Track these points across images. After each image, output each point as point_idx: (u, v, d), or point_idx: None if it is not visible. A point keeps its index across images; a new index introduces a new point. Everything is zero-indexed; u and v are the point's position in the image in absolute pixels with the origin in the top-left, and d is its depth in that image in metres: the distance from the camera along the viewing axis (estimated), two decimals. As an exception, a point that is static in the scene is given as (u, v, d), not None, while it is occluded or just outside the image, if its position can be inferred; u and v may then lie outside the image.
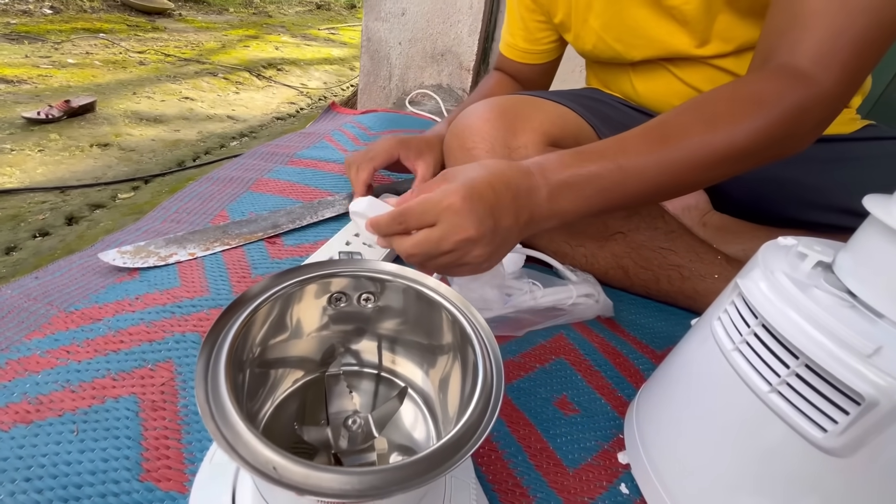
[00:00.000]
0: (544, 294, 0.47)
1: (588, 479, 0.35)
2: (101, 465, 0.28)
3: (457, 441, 0.18)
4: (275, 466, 0.15)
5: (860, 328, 0.22)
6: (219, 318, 0.19)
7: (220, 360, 0.18)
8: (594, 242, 0.54)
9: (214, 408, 0.16)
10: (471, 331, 0.21)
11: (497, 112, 0.54)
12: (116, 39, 2.74)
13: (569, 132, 0.58)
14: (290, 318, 0.23)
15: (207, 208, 0.58)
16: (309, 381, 0.26)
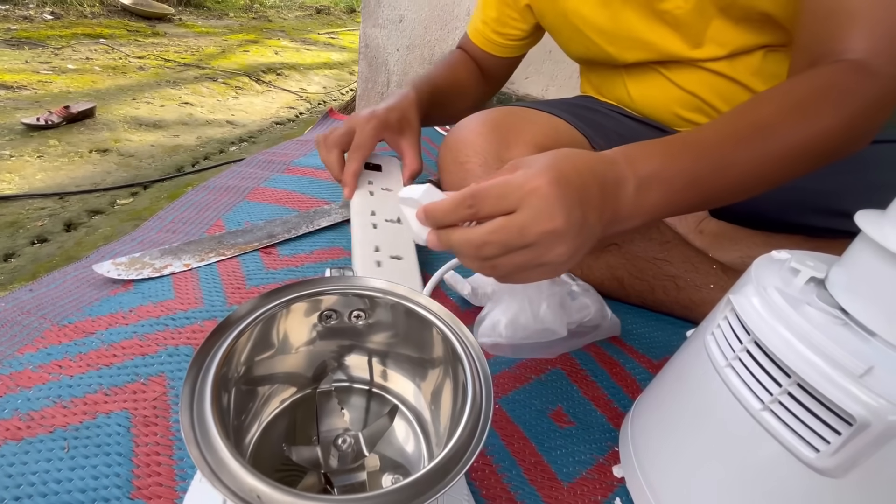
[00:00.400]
0: (570, 312, 0.44)
1: (583, 493, 0.35)
2: (92, 482, 0.28)
3: (444, 465, 0.18)
4: (259, 495, 0.15)
5: (852, 347, 0.22)
6: (206, 340, 0.19)
7: (206, 384, 0.17)
8: (589, 254, 0.53)
9: (199, 433, 0.16)
10: (461, 349, 0.21)
11: (489, 126, 0.54)
12: (116, 45, 2.75)
13: (562, 144, 0.58)
14: (278, 337, 0.23)
15: (203, 218, 0.58)
16: (299, 398, 0.26)
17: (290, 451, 0.21)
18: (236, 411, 0.23)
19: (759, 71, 0.56)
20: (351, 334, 0.26)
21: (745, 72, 0.56)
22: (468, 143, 0.54)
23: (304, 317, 0.24)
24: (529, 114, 0.59)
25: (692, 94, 0.60)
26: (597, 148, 0.60)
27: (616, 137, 0.62)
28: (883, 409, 0.20)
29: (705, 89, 0.59)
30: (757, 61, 0.56)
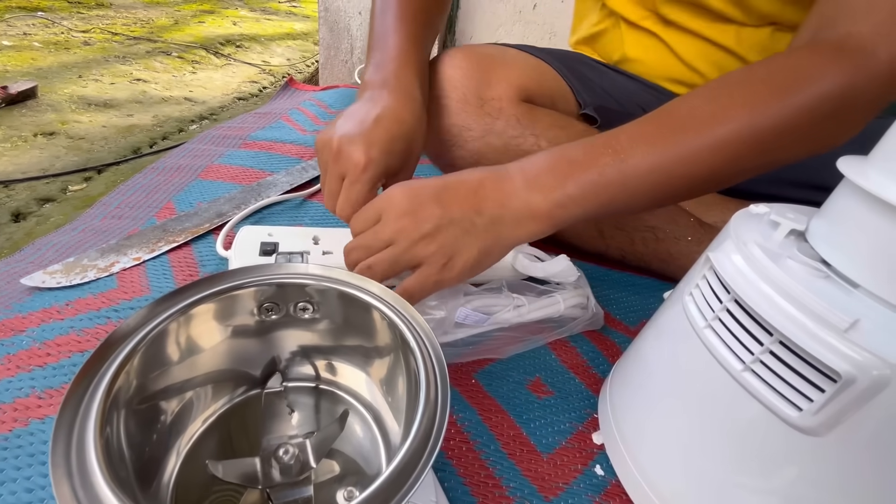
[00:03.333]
0: (530, 310, 0.42)
1: (563, 463, 0.34)
2: (25, 496, 0.25)
3: (396, 478, 0.15)
4: None
5: (835, 301, 0.21)
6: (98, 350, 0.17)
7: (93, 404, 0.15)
8: None
9: (76, 463, 0.13)
10: (409, 333, 0.19)
11: (471, 61, 0.50)
12: (57, 18, 2.54)
13: (545, 89, 0.54)
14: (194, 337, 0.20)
15: (152, 201, 0.54)
16: (231, 408, 0.23)
17: (216, 468, 0.18)
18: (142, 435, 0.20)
19: (765, 49, 0.54)
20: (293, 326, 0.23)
21: (750, 49, 0.54)
22: (446, 77, 0.49)
23: (232, 312, 0.21)
24: (515, 54, 0.55)
25: (691, 68, 0.57)
26: (581, 103, 0.57)
27: (603, 94, 0.60)
28: (868, 363, 0.19)
29: (705, 63, 0.57)
30: (764, 38, 0.53)
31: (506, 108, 0.49)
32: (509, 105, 0.49)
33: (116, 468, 0.14)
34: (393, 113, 0.39)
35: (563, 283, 0.46)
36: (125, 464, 0.16)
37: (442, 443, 0.16)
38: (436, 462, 0.31)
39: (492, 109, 0.49)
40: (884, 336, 0.19)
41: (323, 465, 0.23)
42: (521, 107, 0.50)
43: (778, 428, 0.22)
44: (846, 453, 0.21)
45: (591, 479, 0.33)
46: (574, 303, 0.44)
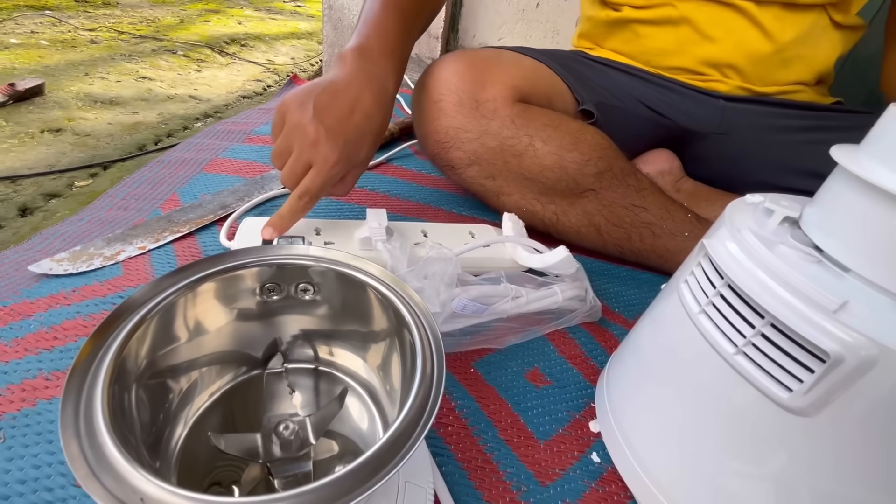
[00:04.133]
0: (529, 301, 0.42)
1: (560, 450, 0.34)
2: (33, 472, 0.26)
3: (391, 446, 0.16)
4: (142, 497, 0.13)
5: (826, 284, 0.21)
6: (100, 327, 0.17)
7: (101, 369, 0.15)
8: (564, 200, 0.52)
9: (84, 427, 0.14)
10: (406, 312, 0.19)
11: (467, 64, 0.51)
12: (64, 16, 2.56)
13: (541, 89, 0.55)
14: (200, 317, 0.21)
15: (157, 193, 0.54)
16: (233, 386, 0.23)
17: (219, 440, 0.19)
18: (152, 410, 0.20)
19: (805, 38, 0.55)
20: (293, 309, 0.24)
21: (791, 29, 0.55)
22: (443, 80, 0.51)
23: (235, 293, 0.22)
24: (510, 55, 0.56)
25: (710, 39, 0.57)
26: (579, 99, 0.58)
27: (600, 90, 0.60)
28: (857, 343, 0.19)
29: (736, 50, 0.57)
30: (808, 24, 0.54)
31: (500, 109, 0.50)
32: (504, 106, 0.50)
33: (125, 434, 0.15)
34: (367, 109, 0.41)
35: (561, 276, 0.46)
36: (135, 433, 0.17)
37: (437, 415, 0.17)
38: (434, 447, 0.32)
39: (487, 111, 0.50)
40: (872, 317, 0.19)
41: (322, 444, 0.24)
42: (516, 107, 0.51)
43: (770, 410, 0.23)
44: (836, 433, 0.21)
45: (588, 465, 0.33)
46: (572, 295, 0.45)
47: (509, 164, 0.51)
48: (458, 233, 0.52)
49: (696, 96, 0.62)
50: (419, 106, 0.53)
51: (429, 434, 0.33)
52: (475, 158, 0.51)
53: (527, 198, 0.53)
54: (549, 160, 0.50)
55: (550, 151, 0.50)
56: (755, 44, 0.57)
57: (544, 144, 0.50)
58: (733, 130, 0.62)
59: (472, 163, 0.52)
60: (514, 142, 0.50)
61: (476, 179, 0.53)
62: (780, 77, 0.60)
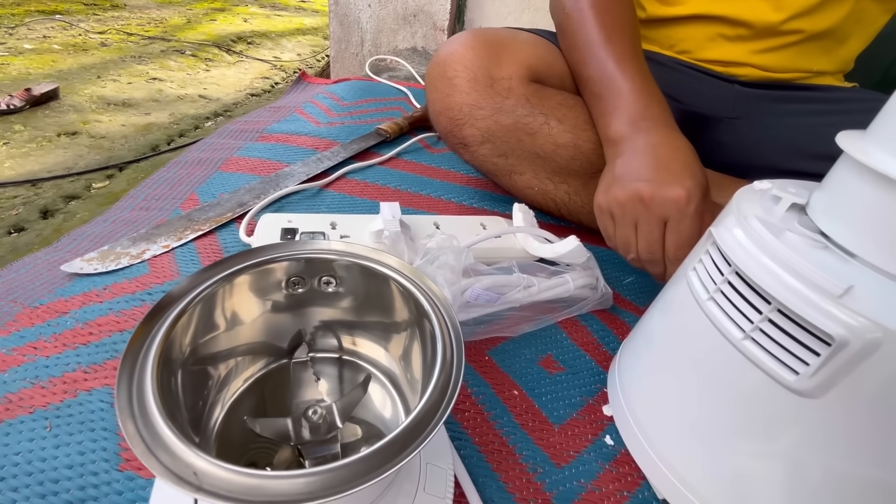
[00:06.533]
0: (540, 290, 0.43)
1: (574, 433, 0.35)
2: (78, 458, 0.28)
3: (414, 427, 0.17)
4: (195, 471, 0.14)
5: (832, 269, 0.22)
6: (147, 317, 0.18)
7: (147, 360, 0.17)
8: (578, 180, 0.53)
9: (137, 409, 0.15)
10: (426, 303, 0.20)
11: (482, 41, 0.52)
12: (74, 20, 2.60)
13: (555, 70, 0.55)
14: (233, 309, 0.22)
15: (176, 193, 0.56)
16: (265, 373, 0.25)
17: (254, 424, 0.20)
18: (193, 394, 0.22)
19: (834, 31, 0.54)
20: (319, 300, 0.25)
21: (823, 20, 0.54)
22: (458, 56, 0.51)
23: (264, 286, 0.23)
24: (526, 36, 0.56)
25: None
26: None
27: None
28: (861, 327, 0.20)
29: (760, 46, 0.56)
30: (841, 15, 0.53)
31: (515, 87, 0.50)
32: (519, 84, 0.50)
33: (173, 413, 0.16)
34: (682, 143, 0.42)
35: (572, 264, 0.47)
36: (181, 413, 0.18)
37: (456, 399, 0.18)
38: (452, 431, 0.33)
39: (501, 89, 0.50)
40: (876, 302, 0.20)
41: (347, 428, 0.25)
42: (531, 86, 0.51)
43: (778, 393, 0.23)
44: (842, 414, 0.22)
45: (601, 448, 0.34)
46: (583, 283, 0.46)
47: (523, 142, 0.51)
48: (469, 225, 0.53)
49: (710, 81, 0.62)
50: (433, 82, 0.53)
51: (447, 420, 0.34)
52: (489, 136, 0.52)
53: (539, 177, 0.54)
54: (564, 139, 0.50)
55: (565, 130, 0.50)
56: (780, 42, 0.56)
57: (559, 123, 0.50)
58: (747, 115, 0.62)
59: (485, 140, 0.52)
60: (529, 120, 0.50)
61: (489, 157, 0.53)
62: (802, 65, 0.59)
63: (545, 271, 0.46)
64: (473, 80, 0.50)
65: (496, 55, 0.51)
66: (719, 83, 0.62)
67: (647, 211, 0.39)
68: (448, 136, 0.55)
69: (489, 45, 0.51)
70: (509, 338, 0.43)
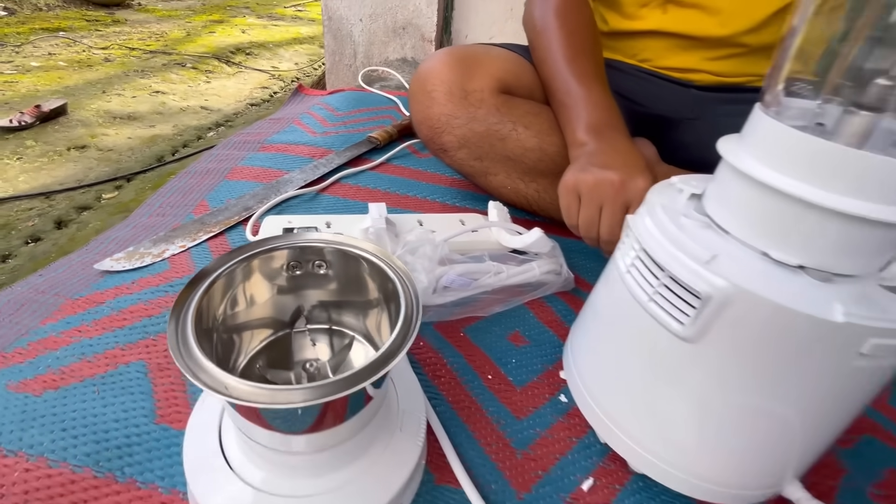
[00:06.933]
0: (509, 275, 0.50)
1: (533, 393, 0.42)
2: (122, 414, 0.34)
3: (385, 355, 0.24)
4: (226, 385, 0.20)
5: (708, 243, 0.28)
6: (189, 283, 0.25)
7: (188, 315, 0.23)
8: (546, 179, 0.59)
9: (182, 349, 0.22)
10: (392, 273, 0.27)
11: (455, 58, 0.58)
12: (77, 37, 2.68)
13: (524, 82, 0.61)
14: (247, 287, 0.29)
15: (188, 200, 0.63)
16: (274, 339, 0.31)
17: (267, 372, 0.27)
18: (223, 351, 0.28)
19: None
20: (313, 282, 0.32)
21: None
22: (435, 72, 0.58)
23: (270, 269, 0.29)
24: (494, 50, 0.63)
25: None
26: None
27: None
28: (722, 285, 0.26)
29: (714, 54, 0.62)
30: None
31: (486, 98, 0.57)
32: (490, 96, 0.57)
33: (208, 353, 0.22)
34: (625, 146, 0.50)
35: (540, 253, 0.53)
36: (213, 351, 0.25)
37: (416, 335, 0.24)
38: (430, 392, 0.40)
39: (474, 100, 0.57)
40: (734, 266, 0.26)
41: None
42: (500, 97, 0.57)
43: (674, 343, 0.30)
44: (716, 355, 0.28)
45: (556, 405, 0.41)
46: (548, 269, 0.52)
47: (495, 146, 0.58)
48: (449, 221, 0.59)
49: (670, 86, 0.68)
50: (414, 96, 0.60)
51: (425, 383, 0.41)
52: (464, 142, 0.58)
53: (511, 177, 0.60)
54: (531, 143, 0.57)
55: (532, 135, 0.57)
56: (728, 52, 0.62)
57: (526, 129, 0.57)
58: (704, 116, 0.68)
59: (461, 146, 0.59)
60: (499, 127, 0.57)
61: (466, 161, 0.60)
62: (751, 70, 0.66)
63: (515, 260, 0.53)
64: (449, 93, 0.57)
65: (469, 70, 0.57)
66: (678, 88, 0.68)
67: (615, 195, 0.46)
68: (429, 143, 0.61)
69: (463, 62, 0.58)
70: (483, 317, 0.49)
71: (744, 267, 0.26)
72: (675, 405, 0.32)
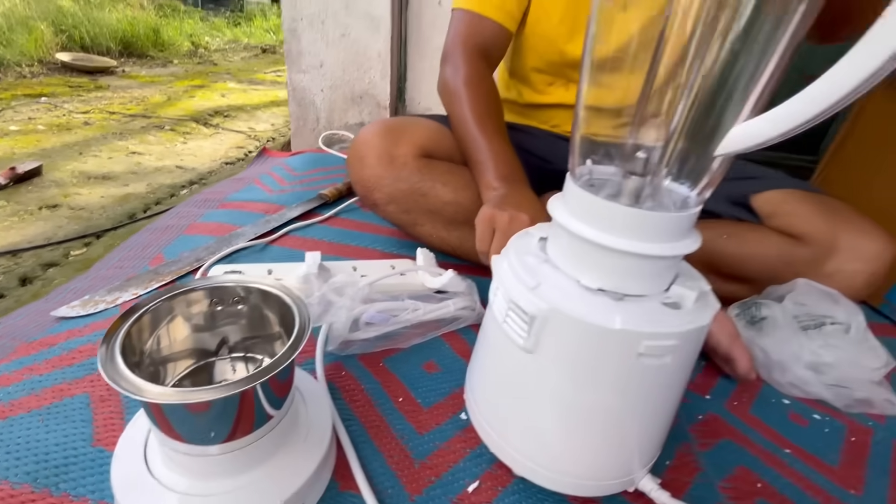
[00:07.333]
0: (426, 312, 0.58)
1: (438, 412, 0.48)
2: (63, 439, 0.39)
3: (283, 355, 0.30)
4: (140, 388, 0.27)
5: (539, 274, 0.36)
6: (121, 315, 0.32)
7: (117, 340, 0.30)
8: (465, 228, 0.68)
9: (109, 364, 0.28)
10: (291, 302, 0.34)
11: (384, 128, 0.69)
12: (59, 102, 2.79)
13: (444, 146, 0.72)
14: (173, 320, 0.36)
15: (146, 254, 0.69)
16: (198, 366, 0.38)
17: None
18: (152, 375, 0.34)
19: None
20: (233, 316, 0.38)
21: None
22: (367, 141, 0.68)
23: (194, 305, 0.36)
24: (419, 121, 0.74)
25: None
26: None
27: None
28: (541, 306, 0.34)
29: None
30: None
31: (409, 161, 0.67)
32: (412, 160, 0.67)
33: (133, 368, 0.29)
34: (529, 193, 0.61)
35: (457, 292, 0.61)
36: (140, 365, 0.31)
37: (304, 344, 0.31)
38: (344, 414, 0.45)
39: (399, 163, 0.67)
40: (552, 291, 0.35)
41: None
42: (422, 160, 0.68)
43: (522, 355, 0.37)
44: (549, 361, 0.36)
45: (457, 422, 0.47)
46: (464, 305, 0.60)
47: (418, 201, 0.68)
48: (381, 266, 0.67)
49: None
50: (350, 161, 0.71)
51: (342, 406, 0.46)
52: (392, 198, 0.68)
53: (436, 227, 0.70)
54: (448, 197, 0.67)
55: (449, 191, 0.67)
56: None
57: (444, 186, 0.67)
58: None
59: (390, 201, 0.69)
60: (420, 184, 0.67)
61: (395, 214, 0.70)
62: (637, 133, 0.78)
63: (434, 298, 0.60)
64: (378, 158, 0.67)
65: (396, 139, 0.68)
66: None
67: (508, 226, 0.54)
68: (364, 200, 0.71)
69: (391, 132, 0.69)
70: (402, 349, 0.56)
71: (560, 291, 0.35)
72: (536, 411, 0.39)
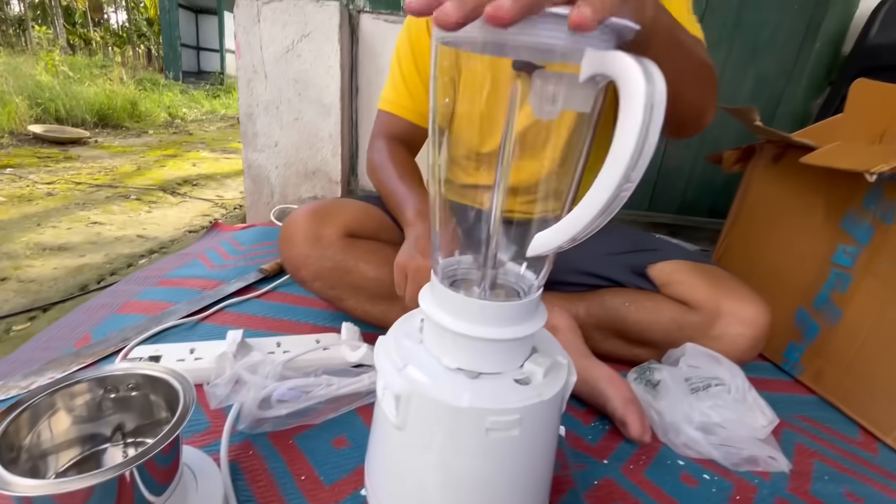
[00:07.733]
0: (340, 386, 0.60)
1: (339, 490, 0.50)
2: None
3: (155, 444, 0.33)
4: (8, 483, 0.30)
5: (411, 356, 0.41)
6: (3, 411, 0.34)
7: None
8: (387, 302, 0.73)
9: None
10: (178, 384, 0.38)
11: (312, 211, 0.75)
12: (24, 173, 2.81)
13: (369, 226, 0.79)
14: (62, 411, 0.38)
15: (74, 334, 0.71)
16: (91, 452, 0.40)
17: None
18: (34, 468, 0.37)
19: None
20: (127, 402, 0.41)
21: None
22: (295, 224, 0.74)
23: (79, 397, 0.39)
24: (346, 203, 0.81)
25: None
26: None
27: None
28: (405, 385, 0.38)
29: None
30: None
31: (334, 241, 0.73)
32: (337, 239, 0.73)
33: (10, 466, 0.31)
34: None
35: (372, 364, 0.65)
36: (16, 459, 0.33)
37: (184, 425, 0.34)
38: (244, 495, 0.47)
39: (324, 243, 0.73)
40: (416, 371, 0.39)
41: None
42: (346, 240, 0.74)
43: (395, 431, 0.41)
44: (418, 435, 0.39)
45: (357, 498, 0.49)
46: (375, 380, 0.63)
47: (343, 278, 0.73)
48: (306, 341, 0.70)
49: None
50: (281, 241, 0.76)
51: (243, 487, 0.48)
52: (318, 275, 0.73)
53: (360, 301, 0.74)
54: (371, 273, 0.72)
55: (371, 268, 0.72)
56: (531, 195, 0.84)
57: (366, 263, 0.73)
58: None
59: (316, 278, 0.74)
60: (344, 262, 0.73)
61: (321, 290, 0.75)
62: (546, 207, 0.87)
63: (351, 372, 0.64)
64: (305, 238, 0.73)
65: (322, 221, 0.74)
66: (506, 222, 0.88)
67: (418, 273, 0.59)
68: (293, 276, 0.76)
69: (318, 214, 0.75)
70: (315, 425, 0.58)
71: (423, 371, 0.39)
72: (417, 485, 0.42)
